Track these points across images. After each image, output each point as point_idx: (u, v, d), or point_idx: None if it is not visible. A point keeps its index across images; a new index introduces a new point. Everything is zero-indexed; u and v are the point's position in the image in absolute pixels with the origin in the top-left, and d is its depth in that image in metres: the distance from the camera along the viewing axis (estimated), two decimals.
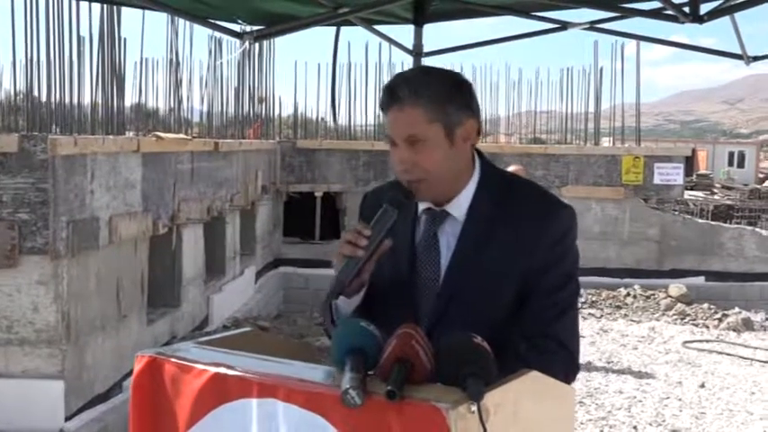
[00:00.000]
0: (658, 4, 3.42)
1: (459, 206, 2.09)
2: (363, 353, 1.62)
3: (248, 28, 4.18)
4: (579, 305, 2.20)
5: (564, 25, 4.50)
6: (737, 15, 4.12)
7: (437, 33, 6.48)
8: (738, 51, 4.62)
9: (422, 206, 2.13)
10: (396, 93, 2.00)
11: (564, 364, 1.97)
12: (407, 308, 2.08)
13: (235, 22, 4.15)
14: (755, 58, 4.59)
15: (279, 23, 4.24)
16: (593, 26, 4.51)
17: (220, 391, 1.69)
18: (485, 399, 1.52)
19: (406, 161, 2.01)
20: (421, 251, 2.11)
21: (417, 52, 4.57)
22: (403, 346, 1.61)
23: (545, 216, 2.04)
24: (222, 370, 1.70)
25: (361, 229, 1.98)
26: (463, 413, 1.49)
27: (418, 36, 4.54)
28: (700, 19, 3.14)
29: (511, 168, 7.20)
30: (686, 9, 3.17)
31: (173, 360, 1.78)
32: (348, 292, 2.08)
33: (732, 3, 3.35)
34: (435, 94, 1.98)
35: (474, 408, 1.50)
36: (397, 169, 2.04)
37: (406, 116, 1.99)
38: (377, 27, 4.72)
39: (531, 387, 1.70)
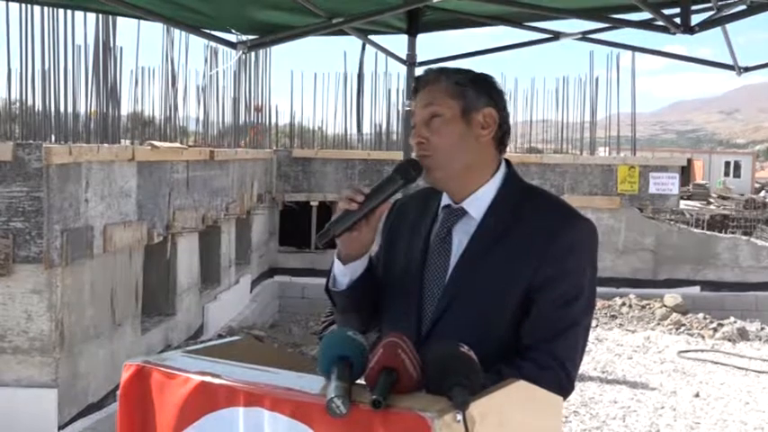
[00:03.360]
0: (649, 15, 3.43)
1: (477, 205, 2.09)
2: (349, 362, 1.62)
3: (243, 37, 4.19)
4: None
5: (557, 35, 4.52)
6: (730, 26, 4.14)
7: (433, 43, 6.50)
8: (731, 62, 4.65)
9: (443, 202, 2.16)
10: (423, 76, 2.16)
11: (558, 383, 1.94)
12: (413, 302, 2.10)
13: (229, 31, 4.16)
14: (747, 69, 4.61)
15: (273, 33, 4.26)
16: (585, 36, 4.53)
17: (207, 400, 1.69)
18: (470, 408, 1.52)
19: (421, 135, 2.09)
20: (434, 247, 2.12)
21: (411, 62, 4.59)
22: (389, 356, 1.61)
23: (558, 226, 2.03)
24: (209, 379, 1.70)
25: (360, 188, 2.04)
26: (448, 422, 1.49)
27: (412, 46, 4.56)
28: (691, 30, 3.16)
29: None
30: (677, 20, 3.19)
31: (160, 368, 1.78)
32: (341, 255, 2.13)
33: (723, 14, 3.37)
34: (457, 77, 2.11)
35: (459, 417, 1.50)
36: (413, 143, 2.12)
37: (428, 92, 2.12)
38: (371, 37, 4.75)
39: (517, 396, 1.70)
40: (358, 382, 1.62)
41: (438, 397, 1.56)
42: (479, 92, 2.10)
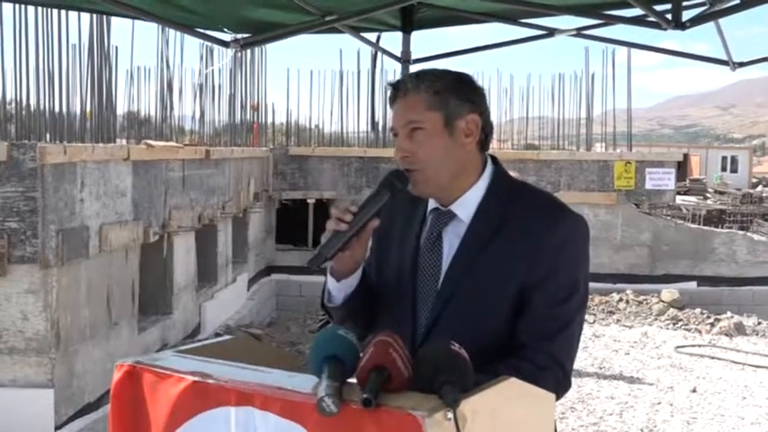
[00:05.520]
0: (641, 12, 3.44)
1: (465, 207, 2.08)
2: (341, 361, 1.62)
3: (236, 36, 4.19)
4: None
5: (551, 32, 4.52)
6: (726, 22, 4.14)
7: (429, 40, 6.49)
8: (725, 58, 4.65)
9: (430, 206, 2.14)
10: (400, 84, 2.08)
11: (555, 381, 1.94)
12: (408, 306, 2.09)
13: (221, 30, 4.16)
14: (741, 64, 4.60)
15: (266, 31, 4.25)
16: (580, 33, 4.53)
17: (198, 400, 1.69)
18: (462, 406, 1.52)
19: (404, 149, 2.04)
20: (424, 251, 2.11)
21: (405, 59, 4.58)
22: (380, 354, 1.61)
23: (549, 222, 2.02)
24: (200, 378, 1.70)
25: (348, 206, 2.00)
26: (439, 421, 1.49)
27: (406, 43, 4.56)
28: (682, 25, 3.16)
29: None
30: (668, 16, 3.19)
31: (152, 369, 1.78)
32: (335, 273, 2.10)
33: (714, 9, 3.37)
34: (436, 84, 2.04)
35: (450, 415, 1.49)
36: (397, 158, 2.07)
37: (407, 103, 2.05)
38: (365, 34, 4.74)
39: (509, 393, 1.69)
40: (349, 380, 1.62)
41: (429, 395, 1.56)
42: (461, 98, 2.05)
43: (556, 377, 1.95)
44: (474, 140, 2.07)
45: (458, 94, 2.04)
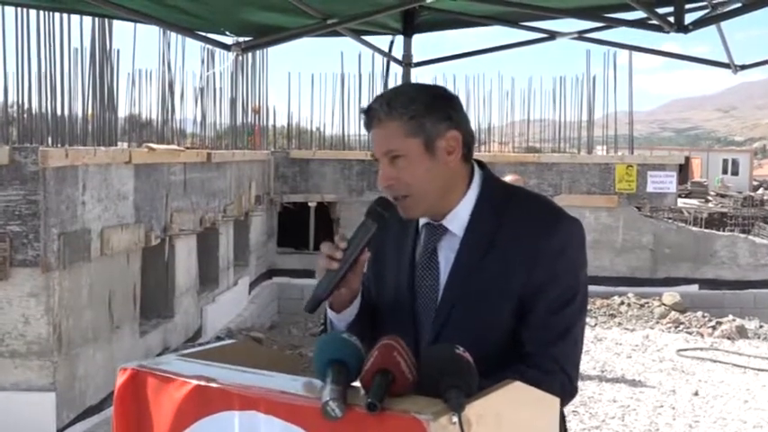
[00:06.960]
0: (644, 15, 3.43)
1: (457, 220, 2.05)
2: (345, 365, 1.61)
3: (237, 39, 4.18)
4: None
5: (553, 35, 4.51)
6: (727, 24, 4.14)
7: (432, 43, 6.50)
8: (726, 60, 4.64)
9: (422, 220, 2.11)
10: (373, 111, 2.01)
11: (561, 388, 1.93)
12: (408, 323, 2.07)
13: (223, 33, 4.16)
14: (743, 67, 4.60)
15: (267, 34, 4.25)
16: (581, 36, 4.52)
17: (202, 404, 1.68)
18: (467, 410, 1.51)
19: (388, 177, 2.01)
20: (420, 266, 2.09)
21: (407, 62, 4.58)
22: (384, 358, 1.60)
23: (545, 228, 1.99)
24: (203, 382, 1.69)
25: (337, 243, 1.96)
26: (444, 425, 1.48)
27: (407, 46, 4.56)
28: (685, 29, 3.15)
29: (507, 178, 7.15)
30: (671, 19, 3.18)
31: (155, 373, 1.77)
32: (334, 306, 2.09)
33: (716, 12, 3.36)
34: (411, 109, 1.97)
35: (455, 419, 1.49)
36: (382, 186, 2.03)
37: (383, 132, 2.00)
38: (366, 38, 4.74)
39: (514, 397, 1.69)
40: (353, 384, 1.62)
41: (434, 399, 1.55)
42: (438, 118, 1.98)
43: (561, 383, 1.95)
44: (457, 156, 2.02)
45: (434, 114, 1.98)
